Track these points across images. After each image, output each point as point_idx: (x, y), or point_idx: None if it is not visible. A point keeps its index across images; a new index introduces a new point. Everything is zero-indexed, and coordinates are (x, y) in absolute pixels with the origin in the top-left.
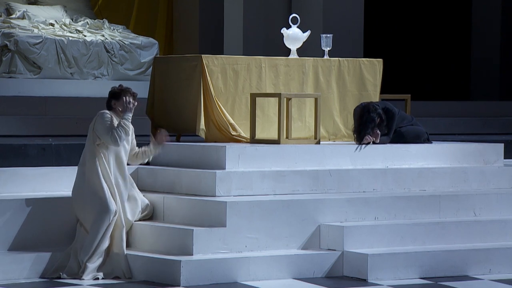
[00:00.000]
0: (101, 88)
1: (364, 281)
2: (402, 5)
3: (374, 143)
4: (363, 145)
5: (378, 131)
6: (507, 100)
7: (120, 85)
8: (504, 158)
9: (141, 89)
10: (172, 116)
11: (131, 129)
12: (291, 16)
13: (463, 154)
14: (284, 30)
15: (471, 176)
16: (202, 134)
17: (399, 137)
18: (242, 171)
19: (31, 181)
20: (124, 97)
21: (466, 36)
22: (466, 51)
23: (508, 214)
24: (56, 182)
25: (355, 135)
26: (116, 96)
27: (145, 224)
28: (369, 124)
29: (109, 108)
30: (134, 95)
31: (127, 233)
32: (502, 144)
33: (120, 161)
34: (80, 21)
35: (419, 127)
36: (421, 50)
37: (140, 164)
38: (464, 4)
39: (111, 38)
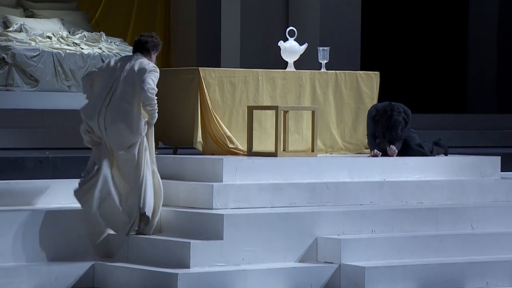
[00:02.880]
0: None
1: None
2: (399, 18)
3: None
4: (375, 152)
5: (395, 149)
6: (504, 113)
7: (155, 35)
8: (501, 171)
9: None
10: (169, 128)
11: None
12: (288, 29)
13: (460, 167)
14: (281, 43)
15: (468, 189)
16: (199, 147)
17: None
18: (239, 184)
19: (28, 194)
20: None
21: (463, 48)
22: (463, 63)
23: (506, 227)
24: (53, 195)
25: (370, 139)
26: (156, 47)
27: (142, 236)
28: (398, 127)
29: (146, 51)
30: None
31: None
32: (499, 157)
33: None
34: (78, 34)
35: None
36: (418, 62)
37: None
38: (460, 16)
39: (108, 51)
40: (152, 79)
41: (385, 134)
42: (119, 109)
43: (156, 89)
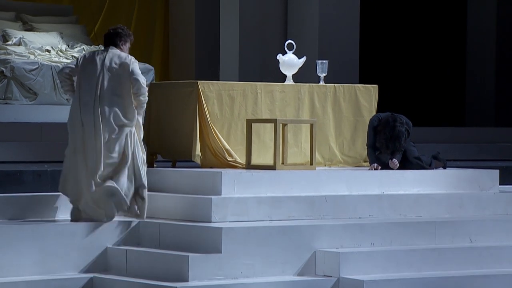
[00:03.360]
0: None
1: None
2: (397, 31)
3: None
4: (374, 166)
5: (397, 162)
6: (502, 126)
7: (121, 26)
8: (500, 184)
9: None
10: (168, 141)
11: None
12: (286, 42)
13: (459, 180)
14: (279, 56)
15: (467, 202)
16: (198, 160)
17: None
18: (238, 197)
19: (26, 207)
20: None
21: (461, 62)
22: (461, 77)
23: (504, 241)
24: (52, 208)
25: (370, 150)
26: (123, 37)
27: (140, 250)
28: (401, 137)
29: (114, 43)
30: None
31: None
32: (498, 171)
33: None
34: (76, 47)
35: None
36: (416, 76)
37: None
38: (459, 30)
39: None
40: (137, 70)
41: (389, 145)
42: (112, 102)
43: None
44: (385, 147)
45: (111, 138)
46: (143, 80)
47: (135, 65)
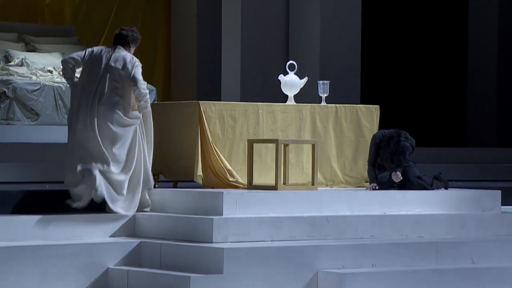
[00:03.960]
0: None
1: None
2: (399, 52)
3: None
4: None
5: (400, 175)
6: (504, 146)
7: (135, 29)
8: (502, 205)
9: None
10: (170, 162)
11: None
12: (288, 63)
13: (461, 200)
14: (281, 77)
15: (469, 223)
16: (200, 180)
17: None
18: (240, 217)
19: (28, 228)
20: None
21: (462, 82)
22: (462, 97)
23: (507, 262)
24: (53, 229)
25: (370, 168)
26: (136, 41)
27: (142, 271)
28: (406, 151)
29: (126, 44)
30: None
31: None
32: (499, 191)
33: None
34: None
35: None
36: (417, 96)
37: (137, 210)
38: (459, 50)
39: None
40: (139, 74)
41: (393, 159)
42: (112, 101)
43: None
44: (390, 161)
45: (108, 136)
46: (143, 86)
47: (137, 69)
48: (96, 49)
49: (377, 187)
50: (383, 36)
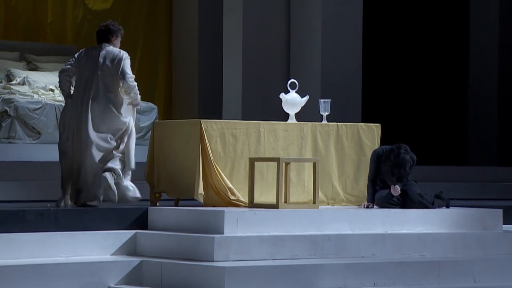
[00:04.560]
0: None
1: None
2: (400, 70)
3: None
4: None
5: (399, 189)
6: (505, 165)
7: (111, 22)
8: (503, 224)
9: (140, 153)
10: (171, 180)
11: None
12: (289, 81)
13: (462, 219)
14: (282, 95)
15: (470, 242)
16: (201, 199)
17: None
18: (241, 236)
19: (28, 247)
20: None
21: (464, 101)
22: (464, 116)
23: (508, 281)
24: (54, 247)
25: (369, 184)
26: (115, 33)
27: None
28: (406, 164)
29: (107, 39)
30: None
31: None
32: (501, 210)
33: None
34: None
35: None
36: (419, 115)
37: (138, 229)
38: (460, 69)
39: None
40: (127, 66)
41: (393, 171)
42: (106, 99)
43: (133, 75)
44: (390, 174)
45: (104, 134)
46: (130, 79)
47: (125, 62)
48: (83, 50)
49: (370, 206)
50: (384, 55)
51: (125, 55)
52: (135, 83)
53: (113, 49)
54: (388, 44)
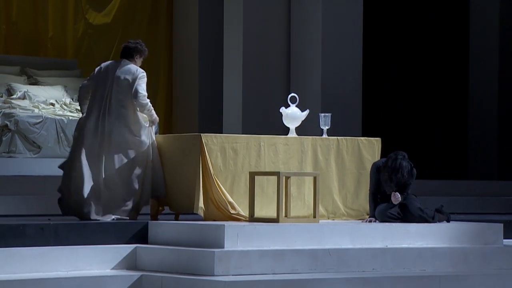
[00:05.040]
0: None
1: None
2: (400, 84)
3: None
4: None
5: (399, 196)
6: (506, 179)
7: (140, 42)
8: (504, 238)
9: None
10: (171, 194)
11: None
12: (289, 95)
13: (463, 234)
14: (283, 109)
15: (471, 256)
16: (201, 213)
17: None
18: (241, 250)
19: (29, 261)
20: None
21: (464, 115)
22: (464, 130)
23: None
24: (54, 262)
25: (371, 198)
26: (140, 53)
27: None
28: (404, 169)
29: (130, 56)
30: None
31: None
32: (501, 224)
33: None
34: None
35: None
36: (419, 129)
37: (138, 243)
38: (461, 84)
39: None
40: (141, 85)
41: (392, 177)
42: (118, 113)
43: (146, 93)
44: (389, 180)
45: (117, 149)
46: (142, 98)
47: (140, 81)
48: (103, 65)
49: (373, 221)
50: (384, 69)
51: (141, 74)
52: (147, 101)
53: (131, 66)
54: (388, 58)
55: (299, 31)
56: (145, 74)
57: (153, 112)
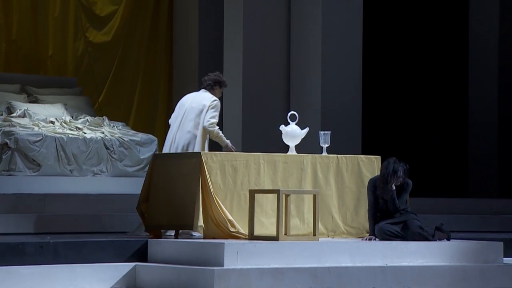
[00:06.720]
0: (100, 185)
1: None
2: (400, 102)
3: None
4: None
5: (394, 188)
6: (506, 197)
7: (219, 73)
8: (504, 257)
9: (140, 186)
10: (171, 212)
11: None
12: (289, 113)
13: (463, 252)
14: (282, 127)
15: (471, 275)
16: (201, 231)
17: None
18: (241, 268)
19: (28, 279)
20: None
21: (463, 133)
22: (463, 148)
23: None
24: (53, 280)
25: (370, 215)
26: (222, 85)
27: None
28: (398, 172)
29: (210, 87)
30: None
31: None
32: (501, 243)
33: None
34: (80, 118)
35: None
36: (419, 147)
37: (138, 261)
38: (460, 99)
39: (111, 135)
40: (211, 114)
41: (387, 179)
42: (184, 138)
43: (217, 120)
44: (386, 183)
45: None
46: (209, 125)
47: (210, 110)
48: (187, 95)
49: (374, 239)
50: (384, 87)
51: (214, 103)
52: (215, 128)
53: (207, 95)
54: (388, 76)
55: (299, 49)
56: (218, 102)
57: (223, 137)
